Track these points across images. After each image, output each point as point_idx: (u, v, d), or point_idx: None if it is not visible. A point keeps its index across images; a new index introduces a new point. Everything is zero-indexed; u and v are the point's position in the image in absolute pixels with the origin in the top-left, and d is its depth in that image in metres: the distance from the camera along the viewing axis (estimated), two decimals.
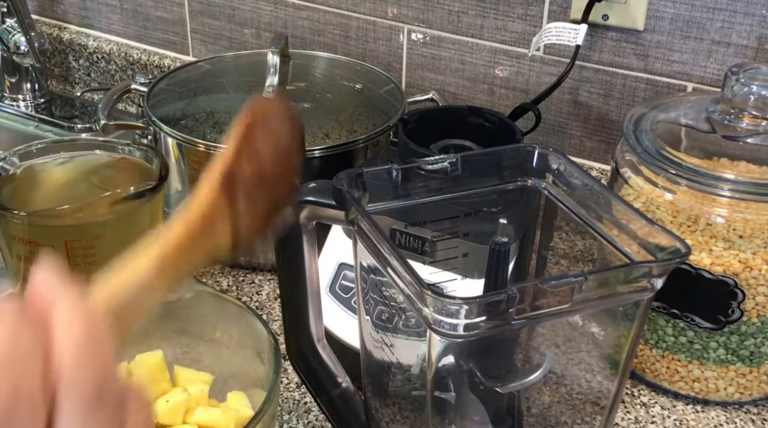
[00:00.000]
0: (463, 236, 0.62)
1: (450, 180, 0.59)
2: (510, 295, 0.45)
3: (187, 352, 0.69)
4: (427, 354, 0.50)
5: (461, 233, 0.61)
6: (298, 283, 0.61)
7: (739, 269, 0.67)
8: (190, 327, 0.68)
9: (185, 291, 0.66)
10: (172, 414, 0.62)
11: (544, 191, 0.59)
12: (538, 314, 0.47)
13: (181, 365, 0.68)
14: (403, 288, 0.49)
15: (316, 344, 0.64)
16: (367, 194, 0.56)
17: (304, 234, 0.59)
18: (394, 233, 0.73)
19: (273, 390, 0.59)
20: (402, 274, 0.48)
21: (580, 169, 0.58)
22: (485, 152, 0.63)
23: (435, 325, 0.46)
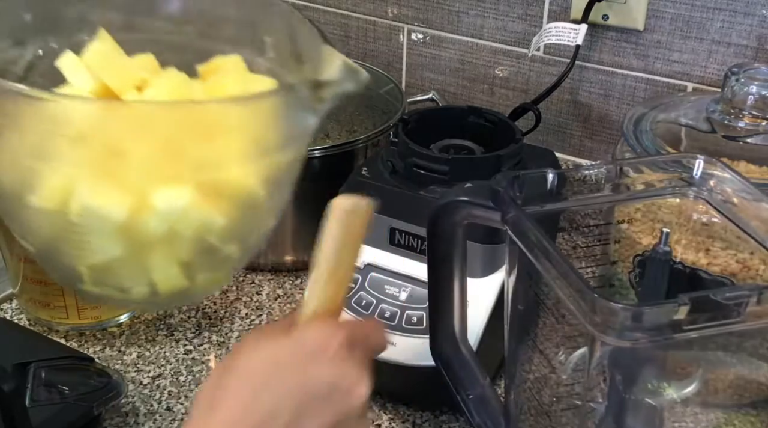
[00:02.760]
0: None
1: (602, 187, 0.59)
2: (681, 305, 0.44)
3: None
4: (588, 361, 0.50)
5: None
6: (447, 284, 0.61)
7: (737, 269, 0.67)
8: None
9: None
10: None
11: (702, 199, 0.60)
12: (708, 325, 0.46)
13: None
14: (564, 291, 0.48)
15: (460, 344, 0.65)
16: (522, 196, 0.56)
17: (457, 235, 0.59)
18: (393, 232, 0.73)
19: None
20: (568, 277, 0.48)
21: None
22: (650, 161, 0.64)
23: (601, 332, 0.46)
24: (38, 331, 0.82)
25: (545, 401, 0.59)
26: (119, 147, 0.44)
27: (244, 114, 0.47)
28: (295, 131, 0.50)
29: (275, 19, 0.57)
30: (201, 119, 0.46)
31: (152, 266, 0.49)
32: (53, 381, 0.69)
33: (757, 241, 0.56)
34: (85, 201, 0.45)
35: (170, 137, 0.44)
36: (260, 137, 0.48)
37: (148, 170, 0.45)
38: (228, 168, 0.47)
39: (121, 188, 0.45)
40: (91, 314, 0.82)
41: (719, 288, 0.46)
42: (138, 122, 0.44)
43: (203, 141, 0.45)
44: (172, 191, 0.45)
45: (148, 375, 0.77)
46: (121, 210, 0.45)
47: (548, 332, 0.56)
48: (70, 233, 0.47)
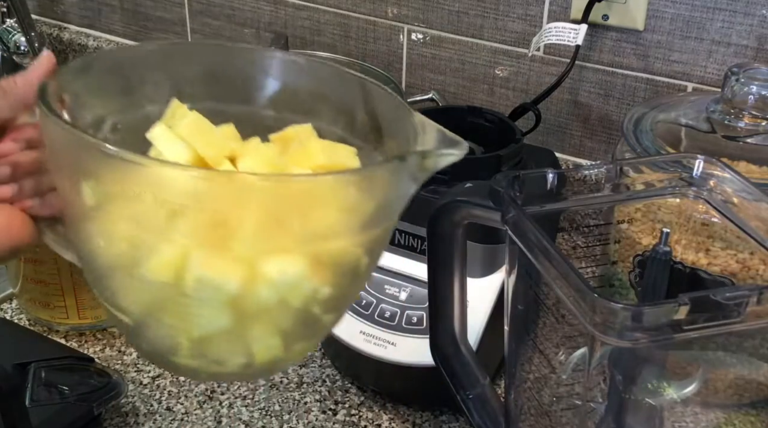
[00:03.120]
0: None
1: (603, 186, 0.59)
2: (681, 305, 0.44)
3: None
4: (588, 361, 0.50)
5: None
6: (447, 284, 0.61)
7: (737, 269, 0.67)
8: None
9: None
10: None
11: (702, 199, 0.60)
12: (708, 325, 0.46)
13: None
14: (564, 291, 0.48)
15: (460, 344, 0.65)
16: (522, 196, 0.56)
17: (457, 235, 0.59)
18: (393, 232, 0.73)
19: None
20: (568, 277, 0.48)
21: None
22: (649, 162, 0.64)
23: (601, 332, 0.46)
24: (38, 331, 0.82)
25: (545, 401, 0.59)
26: (227, 218, 0.44)
27: (354, 186, 0.47)
28: (400, 200, 0.50)
29: (346, 89, 0.57)
30: (312, 191, 0.46)
31: (254, 337, 0.49)
32: (53, 381, 0.69)
33: (757, 241, 0.56)
34: (200, 273, 0.45)
35: (279, 208, 0.45)
36: (368, 208, 0.48)
37: (257, 240, 0.45)
38: (336, 239, 0.48)
39: (232, 259, 0.45)
40: (91, 314, 0.82)
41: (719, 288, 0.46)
42: (247, 193, 0.44)
43: (312, 212, 0.46)
44: (285, 261, 0.46)
45: (148, 375, 0.77)
46: (235, 281, 0.45)
47: (548, 332, 0.56)
48: (178, 305, 0.47)
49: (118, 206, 0.45)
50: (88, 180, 0.46)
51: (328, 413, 0.74)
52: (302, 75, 0.58)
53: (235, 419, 0.73)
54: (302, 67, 0.59)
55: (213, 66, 0.58)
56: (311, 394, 0.76)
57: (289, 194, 0.45)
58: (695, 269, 0.68)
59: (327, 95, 0.58)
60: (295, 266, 0.46)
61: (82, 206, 0.46)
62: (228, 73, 0.58)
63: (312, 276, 0.47)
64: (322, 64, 0.59)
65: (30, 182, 0.54)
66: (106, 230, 0.46)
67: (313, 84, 0.58)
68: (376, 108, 0.56)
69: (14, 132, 0.54)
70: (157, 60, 0.57)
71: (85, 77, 0.53)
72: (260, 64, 0.59)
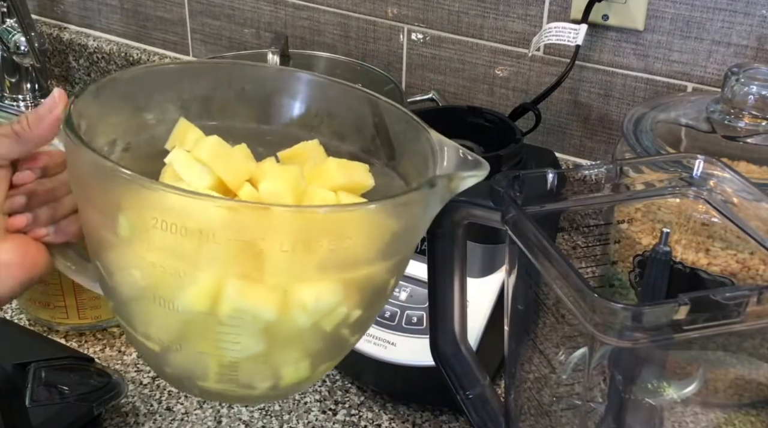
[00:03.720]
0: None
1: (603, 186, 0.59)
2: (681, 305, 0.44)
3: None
4: (588, 361, 0.50)
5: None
6: (447, 284, 0.61)
7: (737, 269, 0.67)
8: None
9: None
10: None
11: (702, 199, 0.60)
12: (708, 325, 0.46)
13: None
14: (564, 291, 0.48)
15: (460, 344, 0.65)
16: (522, 196, 0.56)
17: (457, 235, 0.59)
18: None
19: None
20: (568, 277, 0.48)
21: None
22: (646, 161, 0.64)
23: (601, 332, 0.46)
24: (38, 331, 0.82)
25: (545, 401, 0.59)
26: (262, 248, 0.44)
27: (387, 215, 0.47)
28: (426, 222, 0.51)
29: (355, 106, 0.58)
30: (345, 221, 0.46)
31: (285, 360, 0.50)
32: (53, 381, 0.69)
33: (757, 241, 0.56)
34: (236, 302, 0.45)
35: (313, 238, 0.45)
36: (398, 233, 0.48)
37: (292, 269, 0.45)
38: (368, 266, 0.48)
39: (268, 288, 0.46)
40: (91, 314, 0.82)
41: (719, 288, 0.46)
42: (282, 224, 0.45)
43: (345, 241, 0.46)
44: (321, 288, 0.47)
45: (148, 375, 0.77)
46: (271, 309, 0.46)
47: (548, 332, 0.56)
48: (212, 332, 0.47)
49: (154, 238, 0.45)
50: (124, 212, 0.46)
51: (328, 413, 0.74)
52: (310, 92, 0.59)
53: (235, 419, 0.73)
54: (310, 84, 0.59)
55: (220, 85, 0.58)
56: (311, 394, 0.76)
57: (322, 226, 0.45)
58: (695, 269, 0.68)
59: (335, 112, 0.58)
60: (331, 293, 0.47)
61: (114, 237, 0.47)
62: (235, 92, 0.58)
63: (345, 301, 0.48)
64: (332, 81, 0.59)
65: (45, 210, 0.54)
66: (141, 261, 0.46)
67: (320, 101, 0.58)
68: (388, 125, 0.56)
69: (30, 161, 0.54)
70: (165, 80, 0.57)
71: (99, 102, 0.53)
72: (267, 81, 0.59)
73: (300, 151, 0.56)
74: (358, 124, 0.57)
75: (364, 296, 0.49)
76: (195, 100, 0.57)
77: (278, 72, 0.61)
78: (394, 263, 0.50)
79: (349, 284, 0.48)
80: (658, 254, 0.55)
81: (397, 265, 0.51)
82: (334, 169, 0.53)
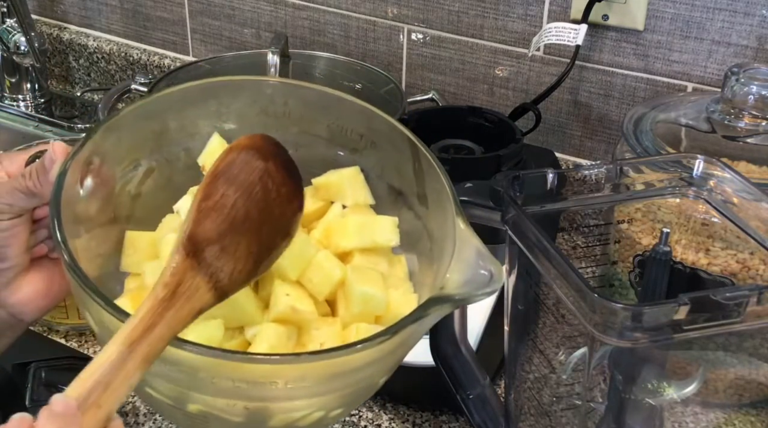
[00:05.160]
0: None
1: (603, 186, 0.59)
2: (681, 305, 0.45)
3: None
4: (588, 361, 0.50)
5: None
6: None
7: (737, 269, 0.67)
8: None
9: None
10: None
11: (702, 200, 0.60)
12: (708, 325, 0.46)
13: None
14: (564, 291, 0.48)
15: (460, 344, 0.65)
16: (522, 196, 0.56)
17: None
18: None
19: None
20: (568, 277, 0.48)
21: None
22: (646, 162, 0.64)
23: (601, 332, 0.46)
24: (38, 331, 0.82)
25: (545, 401, 0.59)
26: (237, 381, 0.44)
27: (379, 347, 0.46)
28: (422, 332, 0.49)
29: (400, 145, 0.56)
30: (334, 363, 0.45)
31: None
32: (53, 381, 0.69)
33: (757, 241, 0.56)
34: (203, 408, 0.46)
35: (296, 375, 0.45)
36: (392, 352, 0.47)
37: (268, 394, 0.45)
38: (357, 384, 0.48)
39: (239, 404, 0.46)
40: None
41: (719, 288, 0.46)
42: (270, 373, 0.45)
43: (351, 375, 0.46)
44: (293, 405, 0.47)
45: None
46: (239, 417, 0.46)
47: (548, 332, 0.56)
48: (186, 417, 0.48)
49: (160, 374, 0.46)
50: (87, 310, 0.47)
51: None
52: (353, 115, 0.57)
53: None
54: (352, 108, 0.57)
55: (256, 100, 0.57)
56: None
57: (302, 369, 0.45)
58: (695, 269, 0.68)
59: (378, 143, 0.56)
60: (306, 406, 0.47)
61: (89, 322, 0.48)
62: (274, 106, 0.57)
63: (324, 407, 0.47)
64: (377, 113, 0.57)
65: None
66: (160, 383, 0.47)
67: (364, 128, 0.56)
68: (425, 176, 0.54)
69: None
70: (200, 95, 0.56)
71: (118, 132, 0.53)
72: (305, 97, 0.57)
73: (334, 180, 0.55)
74: (400, 162, 0.55)
75: (350, 400, 0.50)
76: (232, 115, 0.56)
77: (321, 93, 0.58)
78: (384, 373, 0.50)
79: (332, 398, 0.48)
80: (658, 254, 0.55)
81: (387, 372, 0.50)
82: (353, 230, 0.52)
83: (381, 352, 0.46)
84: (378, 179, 0.56)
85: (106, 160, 0.52)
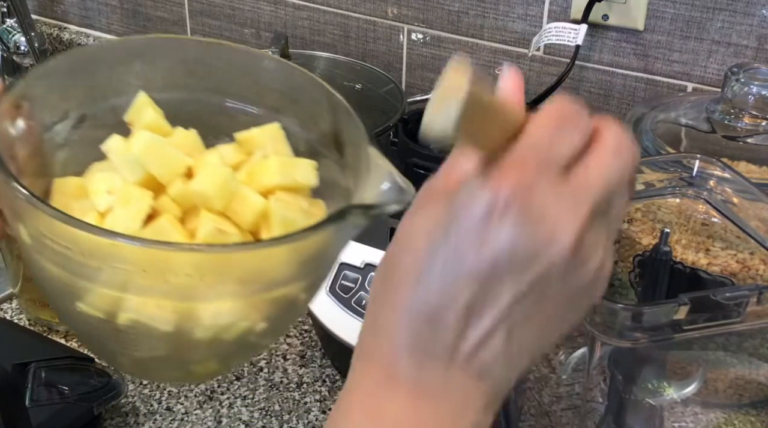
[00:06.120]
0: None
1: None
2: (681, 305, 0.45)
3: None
4: (588, 361, 0.50)
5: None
6: None
7: (737, 268, 0.67)
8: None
9: None
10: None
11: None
12: (708, 325, 0.46)
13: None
14: None
15: None
16: None
17: None
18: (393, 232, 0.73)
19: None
20: None
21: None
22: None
23: (601, 332, 0.46)
24: (38, 331, 0.82)
25: (545, 401, 0.59)
26: (167, 274, 0.45)
27: (293, 249, 0.47)
28: (340, 246, 0.51)
29: (318, 99, 0.58)
30: (248, 258, 0.47)
31: (191, 360, 0.52)
32: (53, 381, 0.69)
33: (757, 241, 0.56)
34: (133, 316, 0.46)
35: (220, 267, 0.46)
36: (308, 260, 0.49)
37: (196, 291, 0.46)
38: (275, 289, 0.49)
39: (165, 307, 0.47)
40: None
41: (719, 288, 0.46)
42: (187, 259, 0.46)
43: (252, 269, 0.47)
44: (219, 308, 0.47)
45: None
46: (168, 324, 0.47)
47: None
48: (115, 334, 0.49)
49: (49, 253, 0.46)
50: (23, 223, 0.47)
51: (328, 413, 0.74)
52: (274, 74, 0.59)
53: (235, 419, 0.73)
54: (274, 67, 0.60)
55: (185, 60, 0.59)
56: (311, 394, 0.76)
57: (220, 260, 0.46)
58: (695, 269, 0.68)
59: (299, 99, 0.59)
60: (229, 312, 0.48)
61: (21, 240, 0.48)
62: (201, 67, 0.59)
63: (247, 317, 0.48)
64: (296, 68, 0.59)
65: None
66: (42, 269, 0.47)
67: (286, 85, 0.59)
68: (343, 125, 0.57)
69: None
70: (126, 54, 0.58)
71: (48, 79, 0.54)
72: (235, 60, 0.60)
73: (257, 135, 0.57)
74: (318, 116, 0.58)
75: (270, 311, 0.50)
76: (158, 74, 0.58)
77: (245, 53, 0.62)
78: (305, 284, 0.50)
79: (251, 303, 0.48)
80: (658, 254, 0.55)
81: (309, 284, 0.51)
82: (275, 168, 0.54)
83: (295, 254, 0.47)
84: (298, 136, 0.58)
85: (35, 105, 0.52)
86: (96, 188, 0.51)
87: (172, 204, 0.51)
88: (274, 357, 0.80)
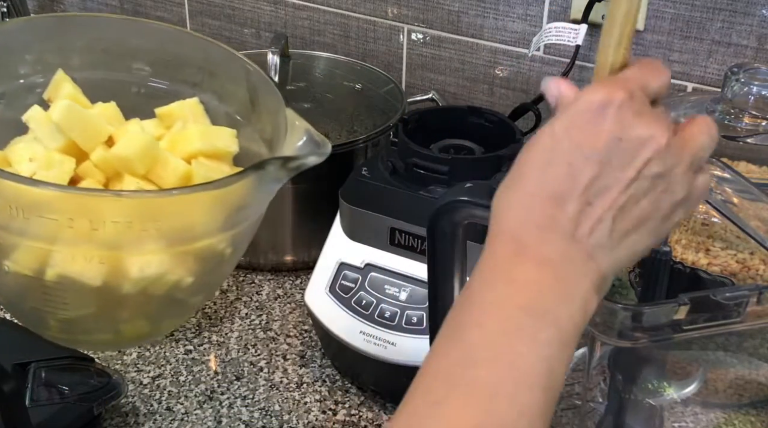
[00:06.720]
0: None
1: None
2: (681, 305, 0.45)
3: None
4: (588, 361, 0.50)
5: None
6: (447, 284, 0.61)
7: (737, 269, 0.67)
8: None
9: None
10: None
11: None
12: (708, 325, 0.46)
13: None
14: None
15: None
16: None
17: (457, 235, 0.59)
18: (393, 232, 0.73)
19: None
20: None
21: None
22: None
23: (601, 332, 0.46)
24: None
25: None
26: (95, 222, 0.46)
27: (217, 194, 0.49)
28: (263, 198, 0.52)
29: (236, 71, 0.60)
30: (170, 204, 0.48)
31: (121, 318, 0.52)
32: (53, 381, 0.69)
33: (757, 241, 0.56)
34: (61, 271, 0.47)
35: (146, 215, 0.47)
36: (230, 212, 0.50)
37: (123, 240, 0.47)
38: (199, 240, 0.50)
39: (96, 257, 0.47)
40: None
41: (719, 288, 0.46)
42: (114, 206, 0.46)
43: (172, 220, 0.48)
44: (146, 260, 0.48)
45: (148, 375, 0.77)
46: (96, 278, 0.47)
47: None
48: (41, 294, 0.49)
49: None
50: None
51: (328, 413, 0.74)
52: (192, 50, 0.61)
53: (235, 419, 0.73)
54: (191, 42, 0.62)
55: (102, 38, 0.60)
56: (311, 394, 0.76)
57: (146, 207, 0.47)
58: (695, 269, 0.68)
59: (216, 73, 0.61)
60: (155, 263, 0.48)
61: None
62: (121, 45, 0.60)
63: (174, 270, 0.49)
64: (213, 42, 0.61)
65: None
66: None
67: (204, 61, 0.61)
68: (260, 94, 0.59)
69: None
70: (44, 32, 0.59)
71: None
72: (154, 37, 0.61)
73: (177, 109, 0.58)
74: (236, 87, 0.60)
75: (196, 265, 0.51)
76: (77, 52, 0.59)
77: (163, 30, 0.63)
78: (229, 236, 0.51)
79: (176, 255, 0.49)
80: (658, 254, 0.55)
81: (233, 237, 0.52)
82: (196, 136, 0.55)
83: (217, 202, 0.49)
84: (217, 109, 0.60)
85: None
86: (18, 157, 0.51)
87: (95, 170, 0.52)
88: (274, 357, 0.80)
